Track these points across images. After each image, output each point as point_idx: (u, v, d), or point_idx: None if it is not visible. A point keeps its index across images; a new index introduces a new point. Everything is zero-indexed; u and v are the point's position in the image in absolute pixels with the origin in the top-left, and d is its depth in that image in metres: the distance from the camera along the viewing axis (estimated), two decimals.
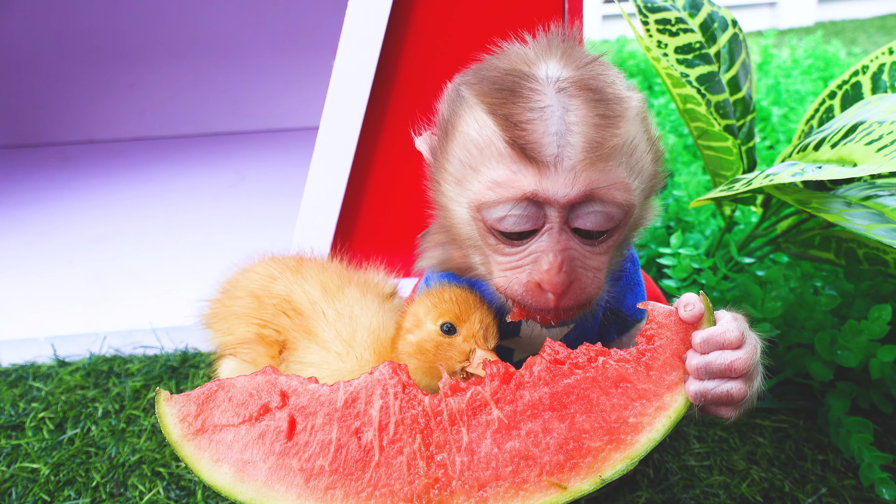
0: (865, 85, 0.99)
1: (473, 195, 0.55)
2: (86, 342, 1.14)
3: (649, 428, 0.51)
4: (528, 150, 0.51)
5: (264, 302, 0.72)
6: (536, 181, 0.51)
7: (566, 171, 0.51)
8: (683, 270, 1.08)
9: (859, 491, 0.80)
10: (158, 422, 0.54)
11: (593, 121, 0.51)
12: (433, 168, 0.61)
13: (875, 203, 0.79)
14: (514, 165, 0.52)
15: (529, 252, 0.54)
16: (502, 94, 0.53)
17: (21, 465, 0.89)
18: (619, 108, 0.53)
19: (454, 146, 0.57)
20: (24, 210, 1.77)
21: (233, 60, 2.31)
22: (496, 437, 0.52)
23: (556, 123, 0.51)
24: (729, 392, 0.50)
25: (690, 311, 0.53)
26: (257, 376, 0.56)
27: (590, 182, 0.51)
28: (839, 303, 0.92)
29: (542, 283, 0.53)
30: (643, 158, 0.56)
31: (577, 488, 0.50)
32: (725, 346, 0.51)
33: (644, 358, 0.54)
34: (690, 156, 1.60)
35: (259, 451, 0.52)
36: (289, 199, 1.69)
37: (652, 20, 1.00)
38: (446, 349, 0.62)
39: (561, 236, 0.53)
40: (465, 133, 0.55)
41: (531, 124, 0.51)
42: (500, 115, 0.52)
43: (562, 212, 0.52)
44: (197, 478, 0.85)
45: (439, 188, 0.60)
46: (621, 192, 0.53)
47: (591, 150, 0.51)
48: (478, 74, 0.57)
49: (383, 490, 0.51)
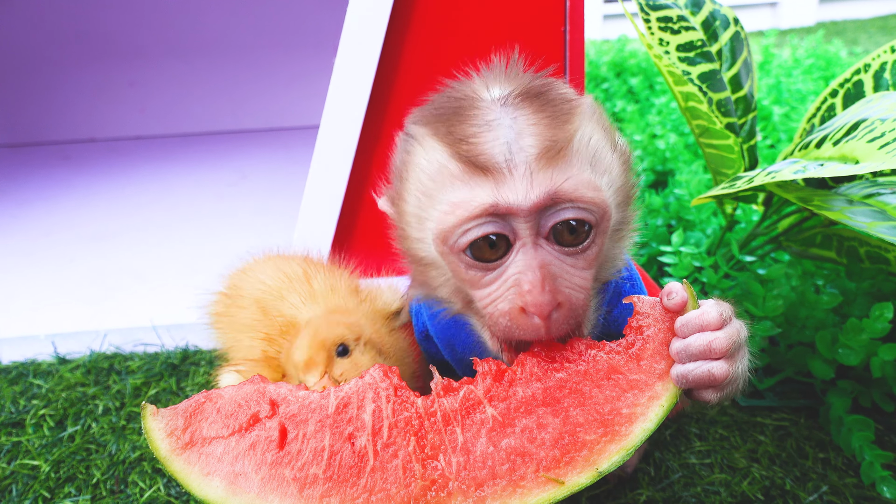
0: (867, 83, 0.99)
1: (434, 225, 0.52)
2: (86, 340, 1.14)
3: (643, 418, 0.51)
4: (479, 160, 0.49)
5: (269, 315, 0.71)
6: (494, 191, 0.49)
7: (522, 175, 0.49)
8: (684, 269, 1.08)
9: (860, 489, 0.80)
10: (146, 437, 0.52)
11: (543, 121, 0.50)
12: (395, 217, 0.59)
13: (877, 201, 0.79)
14: (468, 181, 0.50)
15: (507, 276, 0.51)
16: (446, 115, 0.52)
17: (21, 462, 0.89)
18: (567, 107, 0.51)
19: (409, 184, 0.54)
20: (25, 208, 1.77)
21: (234, 59, 2.31)
22: (491, 436, 0.52)
23: (505, 133, 0.49)
24: (710, 372, 0.49)
25: (673, 299, 0.53)
26: (245, 386, 0.55)
27: (551, 182, 0.49)
28: (840, 301, 0.92)
29: (525, 306, 0.49)
30: (608, 160, 0.53)
31: (575, 482, 0.50)
32: (704, 327, 0.50)
33: (633, 349, 0.54)
34: (691, 154, 1.60)
35: (251, 463, 0.51)
36: (290, 197, 1.69)
37: (654, 18, 1.00)
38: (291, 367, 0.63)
39: (536, 251, 0.50)
40: (418, 166, 0.53)
41: (478, 136, 0.49)
42: (445, 134, 0.51)
43: (529, 220, 0.50)
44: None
45: (404, 234, 0.57)
46: (588, 190, 0.50)
47: (545, 149, 0.49)
48: (424, 110, 0.56)
49: (380, 495, 0.50)
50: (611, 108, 2.09)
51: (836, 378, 0.92)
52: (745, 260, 1.07)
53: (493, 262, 0.51)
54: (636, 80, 2.24)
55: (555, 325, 0.50)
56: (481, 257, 0.51)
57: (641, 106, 2.06)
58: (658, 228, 1.27)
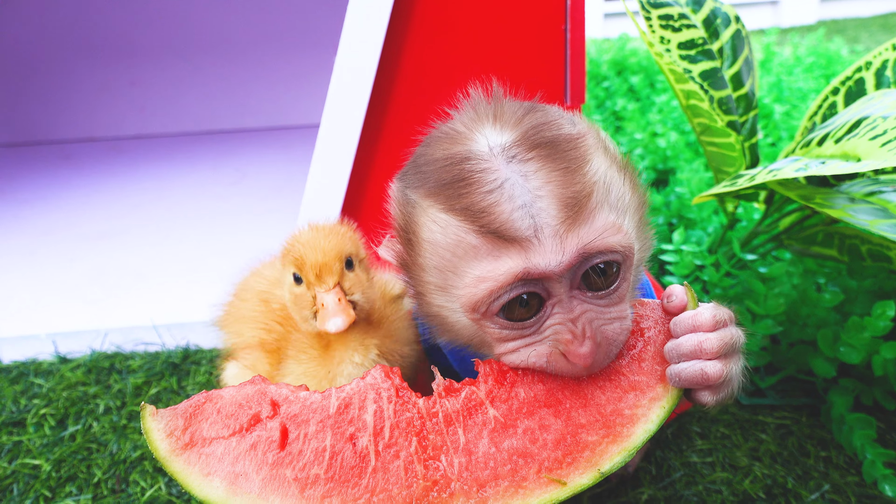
0: (869, 81, 0.99)
1: (463, 297, 0.50)
2: (87, 339, 1.14)
3: (644, 419, 0.51)
4: (503, 231, 0.47)
5: (269, 306, 0.72)
6: (524, 259, 0.47)
7: (550, 239, 0.47)
8: (686, 267, 1.08)
9: (862, 487, 0.80)
10: (145, 438, 0.51)
11: (558, 177, 0.47)
12: (410, 280, 0.57)
13: (879, 199, 0.78)
14: (494, 252, 0.48)
15: (544, 329, 0.50)
16: (452, 186, 0.49)
17: (22, 462, 0.89)
18: (578, 153, 0.49)
19: (424, 255, 0.52)
20: (26, 208, 1.77)
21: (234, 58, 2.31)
22: (493, 437, 0.52)
23: (521, 195, 0.47)
24: (703, 371, 0.49)
25: (672, 301, 0.53)
26: (246, 386, 0.55)
27: (579, 241, 0.47)
28: (842, 299, 0.92)
29: (567, 354, 0.49)
30: (622, 191, 0.52)
31: (577, 483, 0.49)
32: (696, 328, 0.50)
33: (635, 350, 0.54)
34: (692, 153, 1.60)
35: (251, 463, 0.51)
36: (290, 196, 1.69)
37: (655, 16, 1.00)
38: (300, 300, 0.62)
39: (572, 303, 0.50)
40: (430, 240, 0.51)
41: (496, 206, 0.47)
42: (459, 210, 0.48)
43: (564, 280, 0.49)
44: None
45: (425, 300, 0.56)
46: (616, 235, 0.49)
47: (567, 209, 0.47)
48: (417, 173, 0.53)
49: (381, 496, 0.50)
50: (612, 106, 2.09)
51: (837, 376, 0.92)
52: (746, 258, 1.07)
53: (528, 319, 0.51)
54: (637, 78, 2.23)
55: (596, 364, 0.51)
56: (517, 317, 0.50)
57: (642, 104, 2.05)
58: (659, 227, 1.27)
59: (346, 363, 0.64)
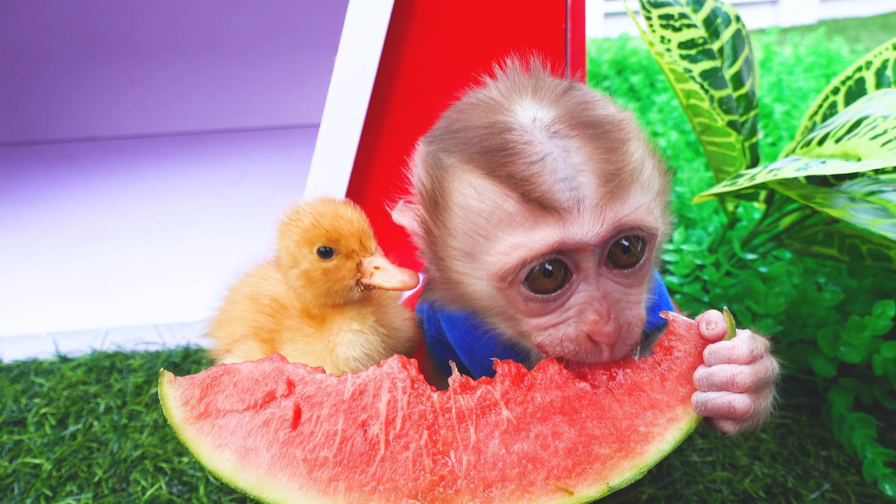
0: (869, 80, 0.99)
1: (493, 265, 0.51)
2: (87, 338, 1.14)
3: (659, 438, 0.50)
4: (544, 201, 0.48)
5: (258, 303, 0.72)
6: (560, 230, 0.48)
7: (589, 211, 0.48)
8: (686, 266, 1.08)
9: (862, 487, 0.80)
10: (161, 403, 0.52)
11: (600, 155, 0.49)
12: (432, 245, 0.56)
13: (879, 198, 0.79)
14: (531, 221, 0.49)
15: (570, 306, 0.51)
16: (494, 154, 0.49)
17: (23, 461, 0.89)
18: (620, 134, 0.50)
19: (454, 220, 0.52)
20: (26, 207, 1.77)
21: (234, 57, 2.31)
22: (504, 438, 0.51)
23: (563, 169, 0.48)
24: (731, 404, 0.48)
25: (713, 329, 0.52)
26: (264, 363, 0.55)
27: (615, 215, 0.48)
28: (842, 299, 0.92)
29: (592, 335, 0.50)
30: (651, 174, 0.53)
31: (584, 494, 0.49)
32: (732, 360, 0.50)
33: (660, 368, 0.53)
34: (693, 152, 1.60)
35: (263, 439, 0.51)
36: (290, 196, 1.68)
37: (655, 15, 1.00)
38: (334, 273, 0.60)
39: (599, 281, 0.51)
40: (464, 204, 0.51)
41: (538, 177, 0.48)
42: (502, 177, 0.49)
43: (593, 254, 0.49)
44: (199, 473, 0.85)
45: (445, 265, 0.55)
46: (647, 215, 0.50)
47: (607, 184, 0.48)
48: (454, 138, 0.53)
49: (387, 485, 0.50)
50: None
51: (837, 376, 0.92)
52: (746, 258, 1.07)
53: (552, 292, 0.51)
54: (637, 78, 2.24)
55: (617, 349, 0.51)
56: (541, 289, 0.51)
57: (642, 104, 2.06)
58: None
59: (344, 331, 0.64)
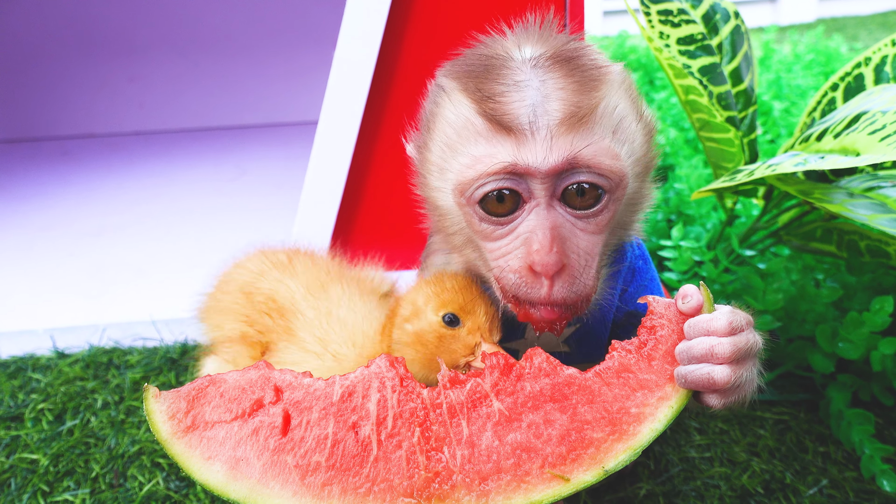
0: (868, 76, 0.99)
1: (454, 176, 0.54)
2: (85, 334, 1.14)
3: (651, 418, 0.50)
4: (503, 120, 0.50)
5: (252, 298, 0.71)
6: (514, 151, 0.50)
7: (543, 138, 0.50)
8: (684, 263, 1.08)
9: (860, 483, 0.80)
10: (147, 419, 0.52)
11: (570, 86, 0.50)
12: (418, 164, 0.60)
13: (878, 194, 0.78)
14: (491, 139, 0.51)
15: (518, 234, 0.53)
16: (477, 72, 0.53)
17: (20, 456, 0.89)
18: (596, 73, 0.52)
19: (435, 135, 0.56)
20: (25, 203, 1.77)
21: (233, 55, 2.30)
22: (497, 430, 0.51)
23: (532, 95, 0.50)
24: (710, 375, 0.49)
25: (688, 302, 0.52)
26: (250, 371, 0.55)
27: (571, 147, 0.50)
28: (841, 295, 0.92)
29: (533, 265, 0.51)
30: (631, 129, 0.54)
31: (581, 479, 0.49)
32: (710, 332, 0.50)
33: (645, 349, 0.53)
34: (691, 149, 1.60)
35: (253, 448, 0.51)
36: (289, 193, 1.68)
37: (654, 11, 0.99)
38: (449, 342, 0.59)
39: (549, 212, 0.52)
40: (444, 118, 0.55)
41: (506, 96, 0.50)
42: (474, 90, 0.52)
43: (545, 182, 0.51)
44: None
45: (425, 181, 0.59)
46: (608, 159, 0.51)
47: (569, 115, 0.50)
48: (456, 63, 0.57)
49: (382, 485, 0.49)
50: None
51: (836, 372, 0.92)
52: (745, 254, 1.07)
53: (504, 216, 0.53)
54: (636, 75, 2.23)
55: (559, 288, 0.52)
56: (494, 211, 0.53)
57: None
58: (658, 223, 1.27)
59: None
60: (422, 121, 0.60)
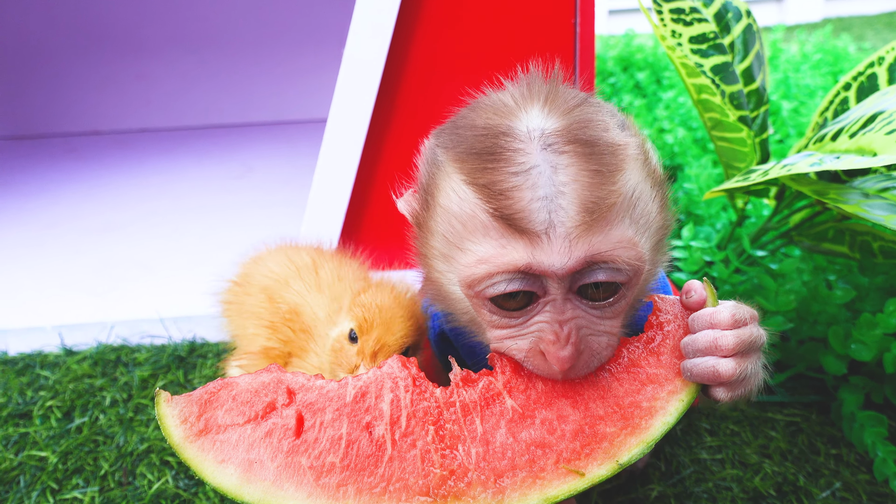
0: (881, 76, 0.98)
1: (462, 272, 0.49)
2: (93, 331, 1.14)
3: (663, 412, 0.51)
4: (515, 221, 0.45)
5: (275, 304, 0.71)
6: (528, 254, 0.46)
7: (560, 240, 0.45)
8: (695, 263, 1.07)
9: (873, 486, 0.79)
10: (159, 423, 0.51)
11: (587, 178, 0.45)
12: (418, 239, 0.56)
13: (894, 195, 0.78)
14: (501, 239, 0.47)
15: (532, 324, 0.50)
16: (481, 158, 0.47)
17: (29, 454, 0.89)
18: (614, 160, 0.47)
19: (436, 220, 0.52)
20: (31, 200, 1.77)
21: (240, 52, 2.30)
22: (511, 427, 0.51)
23: (545, 186, 0.45)
24: (715, 368, 0.48)
25: (692, 297, 0.53)
26: (262, 374, 0.55)
27: (589, 248, 0.46)
28: (853, 296, 0.91)
29: (546, 354, 0.49)
30: (649, 208, 0.50)
31: (595, 474, 0.49)
32: (714, 325, 0.50)
33: (653, 344, 0.54)
34: (700, 149, 1.59)
35: (266, 450, 0.50)
36: (296, 191, 1.68)
37: (666, 9, 0.99)
38: (340, 355, 0.62)
39: (565, 306, 0.48)
40: (446, 206, 0.50)
41: (516, 191, 0.45)
42: (480, 185, 0.47)
43: (562, 282, 0.47)
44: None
45: (427, 262, 0.55)
46: (627, 252, 0.47)
47: (586, 213, 0.45)
48: (453, 134, 0.51)
49: (397, 485, 0.49)
50: (618, 102, 2.08)
51: (848, 374, 0.91)
52: (756, 255, 1.06)
53: (517, 310, 0.50)
54: (643, 74, 2.22)
55: (573, 371, 0.50)
56: (506, 306, 0.50)
57: (648, 101, 2.04)
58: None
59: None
60: (419, 184, 0.55)
